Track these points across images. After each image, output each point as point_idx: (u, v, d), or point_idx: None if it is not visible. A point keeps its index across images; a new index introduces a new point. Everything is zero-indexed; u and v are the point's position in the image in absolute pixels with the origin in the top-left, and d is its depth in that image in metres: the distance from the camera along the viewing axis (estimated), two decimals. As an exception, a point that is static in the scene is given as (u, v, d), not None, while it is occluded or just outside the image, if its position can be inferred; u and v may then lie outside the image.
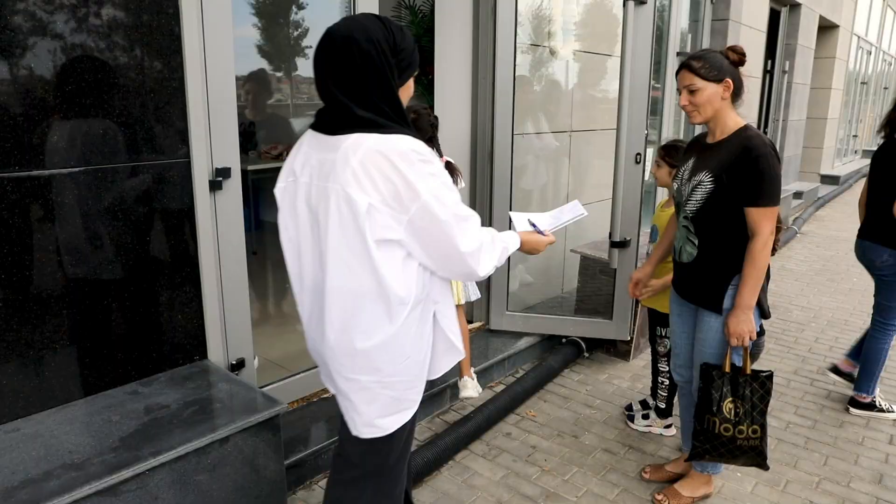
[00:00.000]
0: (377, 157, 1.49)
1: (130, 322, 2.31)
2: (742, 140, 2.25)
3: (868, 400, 3.45)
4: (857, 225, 3.57)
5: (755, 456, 2.37)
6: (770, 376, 2.33)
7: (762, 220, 2.21)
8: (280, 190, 1.69)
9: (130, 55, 2.17)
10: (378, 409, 1.67)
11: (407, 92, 1.67)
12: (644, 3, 3.39)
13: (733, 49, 2.30)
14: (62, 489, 1.69)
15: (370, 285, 1.56)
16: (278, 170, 1.73)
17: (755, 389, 2.33)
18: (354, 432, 1.71)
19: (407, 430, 1.77)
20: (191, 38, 2.30)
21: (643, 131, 3.59)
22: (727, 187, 2.24)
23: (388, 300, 1.57)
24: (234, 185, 2.51)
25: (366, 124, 1.52)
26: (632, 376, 3.85)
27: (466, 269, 1.63)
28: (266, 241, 4.37)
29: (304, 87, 4.01)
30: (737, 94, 2.32)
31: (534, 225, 2.01)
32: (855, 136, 14.87)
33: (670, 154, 2.94)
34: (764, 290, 2.46)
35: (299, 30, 3.94)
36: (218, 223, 2.48)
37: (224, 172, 2.46)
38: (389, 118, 1.55)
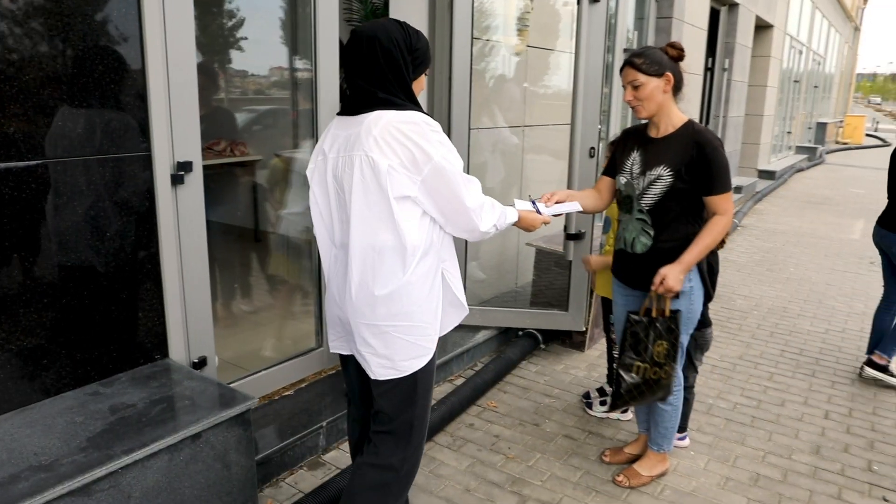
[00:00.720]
0: (395, 128, 1.77)
1: (89, 321, 2.26)
2: (692, 135, 2.38)
3: (884, 362, 3.79)
4: (793, 218, 3.78)
5: (664, 390, 2.57)
6: (678, 312, 2.50)
7: (723, 203, 2.39)
8: (310, 171, 1.97)
9: (88, 43, 2.12)
10: (396, 351, 1.89)
11: (419, 86, 1.96)
12: (597, 1, 3.49)
13: (672, 45, 2.43)
14: (33, 490, 1.65)
15: (388, 239, 1.81)
16: (224, 166, 1.85)
17: (671, 329, 2.48)
18: (374, 376, 1.92)
19: (428, 378, 2.00)
20: (152, 26, 2.26)
21: (597, 126, 3.69)
22: (686, 181, 2.36)
23: (404, 251, 1.83)
24: (195, 180, 2.47)
25: (385, 103, 1.82)
26: (588, 366, 3.97)
27: (471, 224, 1.90)
28: (211, 242, 4.29)
29: (238, 81, 3.93)
30: (677, 88, 2.44)
31: (534, 202, 2.32)
32: (789, 132, 15.53)
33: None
34: (714, 275, 2.59)
35: (233, 20, 3.86)
36: (180, 219, 2.45)
37: (186, 166, 2.42)
38: (405, 100, 1.86)
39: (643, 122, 2.56)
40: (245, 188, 3.75)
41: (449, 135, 3.76)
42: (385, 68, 1.83)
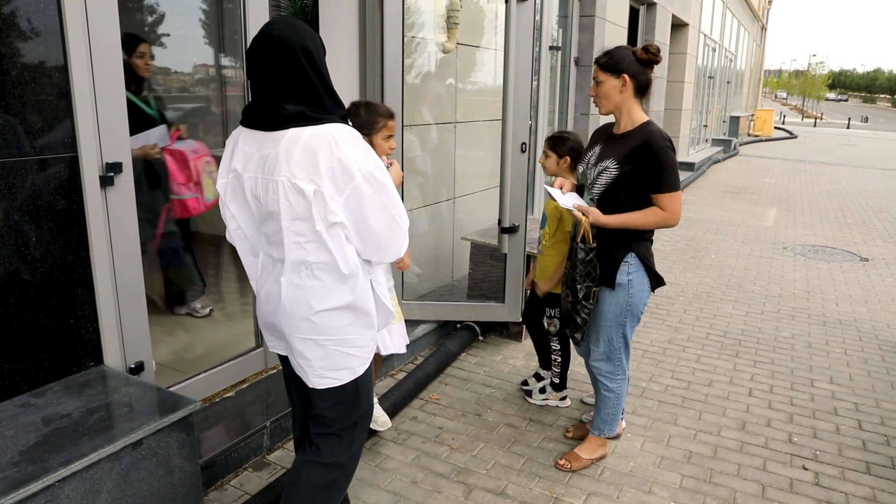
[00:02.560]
0: (315, 146, 1.66)
1: (16, 330, 2.15)
2: (643, 134, 2.48)
3: None
4: (713, 208, 3.97)
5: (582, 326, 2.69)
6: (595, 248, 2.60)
7: (670, 203, 2.48)
8: (222, 186, 1.86)
9: (4, 41, 2.02)
10: (334, 363, 1.86)
11: None
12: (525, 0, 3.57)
13: (645, 48, 2.49)
14: (-36, 509, 1.58)
15: (322, 259, 1.75)
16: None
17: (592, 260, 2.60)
18: (311, 384, 1.89)
19: (367, 380, 1.98)
20: (74, 20, 2.17)
21: (528, 122, 3.77)
22: (629, 175, 2.48)
23: (338, 271, 1.77)
24: (126, 181, 2.40)
25: (298, 118, 1.69)
26: (525, 355, 4.06)
27: (397, 245, 1.83)
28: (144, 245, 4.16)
29: (161, 79, 3.81)
30: (640, 89, 2.52)
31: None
32: (705, 125, 16.24)
33: (556, 144, 3.13)
34: (653, 264, 2.70)
35: (154, 16, 3.74)
36: (110, 221, 2.37)
37: (115, 167, 2.34)
38: (321, 109, 1.73)
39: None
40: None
41: (384, 132, 3.76)
42: (298, 73, 1.70)
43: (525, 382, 3.54)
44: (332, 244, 1.74)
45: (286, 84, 1.70)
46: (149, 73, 3.35)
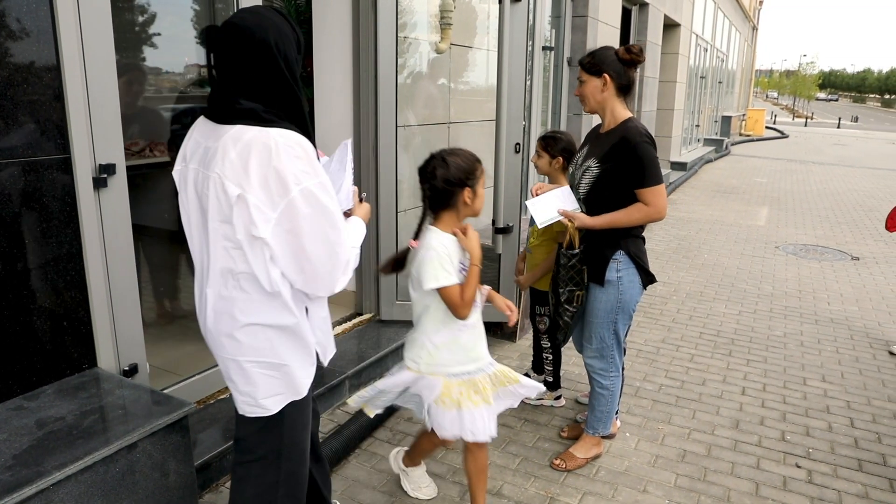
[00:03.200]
0: (252, 149, 1.51)
1: (10, 333, 2.14)
2: (622, 131, 2.51)
3: None
4: (705, 207, 3.98)
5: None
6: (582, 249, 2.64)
7: (652, 197, 2.49)
8: (176, 173, 1.73)
9: (-3, 45, 2.01)
10: (257, 390, 1.69)
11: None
12: (519, 0, 3.57)
13: (627, 48, 2.52)
14: (-43, 514, 1.57)
15: (249, 270, 1.59)
16: (144, 167, 1.73)
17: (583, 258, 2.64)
18: (240, 410, 1.75)
19: (298, 414, 1.78)
20: (66, 20, 2.15)
21: (521, 122, 3.78)
22: (610, 172, 2.49)
23: (262, 287, 1.60)
24: (119, 182, 2.38)
25: (249, 116, 1.55)
26: (520, 355, 4.06)
27: (335, 276, 1.61)
28: (138, 246, 4.14)
29: (152, 79, 3.80)
30: (623, 88, 2.54)
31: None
32: (697, 125, 16.31)
33: (548, 144, 3.15)
34: (647, 265, 2.70)
35: (145, 16, 3.73)
36: (104, 223, 2.35)
37: (108, 169, 2.33)
38: (275, 111, 1.58)
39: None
40: (168, 189, 3.63)
41: (376, 133, 3.76)
42: (256, 67, 1.56)
43: (519, 383, 3.54)
44: (251, 258, 1.57)
45: (243, 78, 1.57)
46: None
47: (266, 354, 1.66)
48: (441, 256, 2.14)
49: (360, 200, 1.95)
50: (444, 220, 2.23)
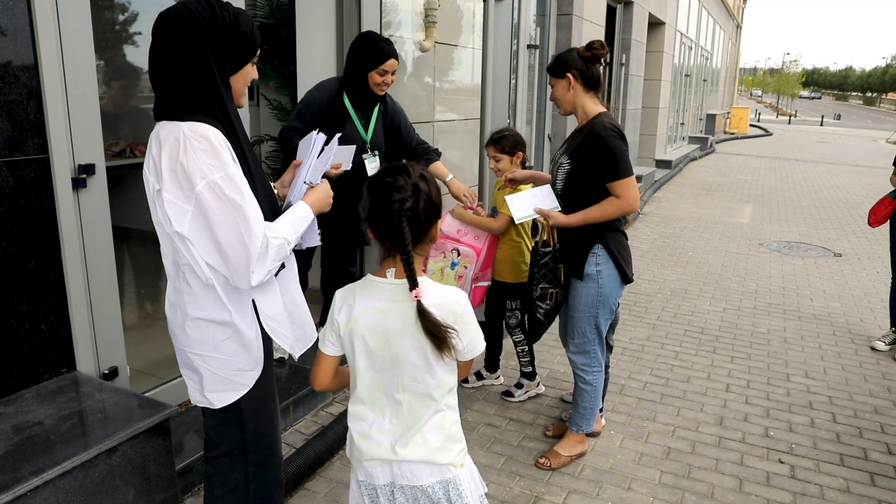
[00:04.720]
0: (165, 146, 1.53)
1: (-13, 336, 2.11)
2: (591, 126, 2.56)
3: None
4: (690, 205, 4.00)
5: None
6: (557, 247, 2.69)
7: (623, 189, 2.52)
8: (143, 172, 1.69)
9: (-28, 44, 1.98)
10: (203, 382, 1.72)
11: (243, 78, 1.68)
12: (502, -1, 3.57)
13: (588, 46, 2.60)
14: (-68, 521, 1.54)
15: (187, 262, 1.61)
16: (124, 167, 1.72)
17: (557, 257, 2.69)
18: (192, 400, 1.78)
19: (258, 408, 1.80)
20: (44, 18, 2.12)
21: (506, 120, 3.79)
22: (581, 167, 2.55)
23: (200, 279, 1.62)
24: (99, 183, 2.36)
25: (170, 109, 1.56)
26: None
27: (248, 266, 1.55)
28: (118, 247, 4.09)
29: (133, 79, 3.75)
30: (588, 84, 2.59)
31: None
32: (682, 123, 16.39)
33: (502, 145, 3.19)
34: (627, 261, 2.71)
35: (126, 14, 3.67)
36: (83, 224, 2.32)
37: (88, 169, 2.30)
38: (202, 106, 1.56)
39: None
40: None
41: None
42: (182, 61, 1.53)
43: (507, 393, 3.49)
44: (184, 251, 1.58)
45: (168, 72, 1.55)
46: (381, 92, 3.12)
47: (208, 349, 1.69)
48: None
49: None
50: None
